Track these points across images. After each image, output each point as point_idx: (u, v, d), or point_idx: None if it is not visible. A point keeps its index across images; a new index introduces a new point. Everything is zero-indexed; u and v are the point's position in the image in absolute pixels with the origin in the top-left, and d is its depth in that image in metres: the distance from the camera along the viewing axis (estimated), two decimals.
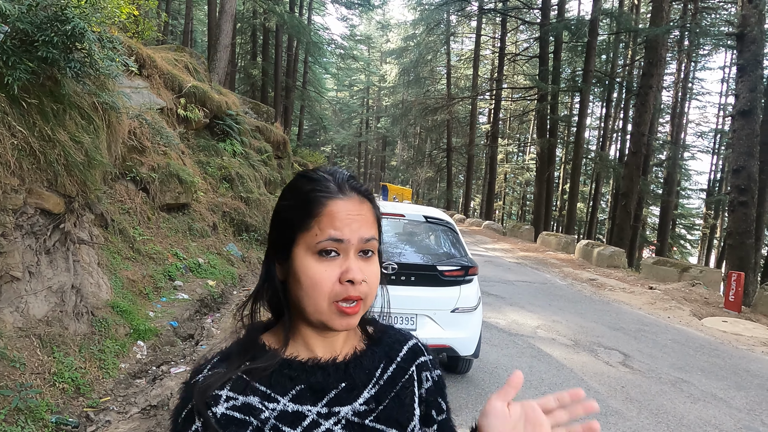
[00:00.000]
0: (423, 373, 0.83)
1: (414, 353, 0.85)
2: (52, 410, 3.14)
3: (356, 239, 0.70)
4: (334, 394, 0.73)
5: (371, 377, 0.78)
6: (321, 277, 0.69)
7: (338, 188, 0.72)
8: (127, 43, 7.15)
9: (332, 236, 0.69)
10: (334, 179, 0.74)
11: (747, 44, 11.68)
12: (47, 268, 3.75)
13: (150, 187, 6.80)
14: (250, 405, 0.69)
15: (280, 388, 0.71)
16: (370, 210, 0.74)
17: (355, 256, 0.71)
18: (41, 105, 3.43)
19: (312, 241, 0.70)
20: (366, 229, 0.72)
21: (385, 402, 0.76)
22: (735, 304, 8.43)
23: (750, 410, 4.18)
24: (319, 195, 0.71)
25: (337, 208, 0.70)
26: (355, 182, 0.75)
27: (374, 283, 0.73)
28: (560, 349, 5.50)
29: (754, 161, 11.58)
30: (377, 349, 0.81)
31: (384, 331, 0.85)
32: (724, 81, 31.86)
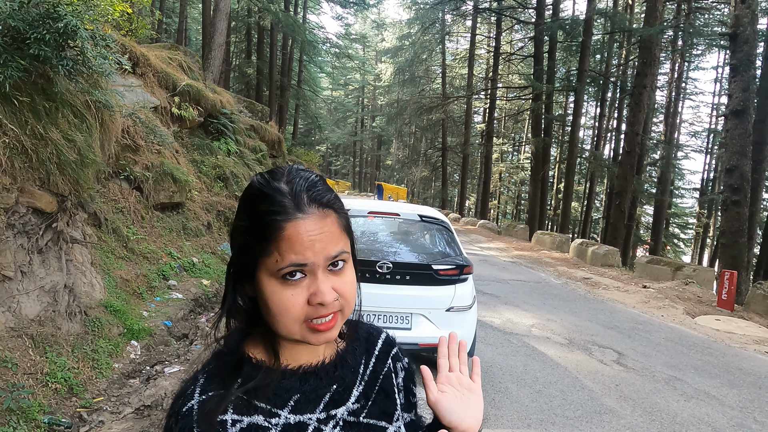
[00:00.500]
0: (397, 364, 0.86)
1: (388, 345, 0.87)
2: (45, 411, 3.12)
3: (321, 259, 0.65)
4: (329, 398, 0.74)
5: (356, 374, 0.79)
6: (288, 303, 0.65)
7: (295, 205, 0.65)
8: (121, 41, 7.10)
9: (293, 261, 0.64)
10: (290, 193, 0.66)
11: (740, 44, 11.75)
12: (40, 267, 3.72)
13: (144, 186, 6.77)
14: (256, 425, 0.67)
15: (279, 400, 0.70)
16: (334, 222, 0.68)
17: (324, 273, 0.66)
18: (33, 103, 3.40)
19: (273, 267, 0.65)
20: (332, 245, 0.66)
21: (372, 397, 0.78)
22: (728, 302, 8.49)
23: (742, 408, 4.21)
24: (274, 218, 0.65)
25: (296, 230, 0.64)
26: (315, 192, 0.67)
27: (349, 293, 0.69)
28: (554, 347, 5.51)
29: (746, 161, 11.66)
30: (356, 345, 0.83)
31: (356, 326, 0.85)
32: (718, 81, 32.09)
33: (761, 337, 6.85)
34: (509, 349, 5.33)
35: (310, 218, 0.65)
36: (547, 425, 3.60)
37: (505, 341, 5.59)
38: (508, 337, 5.75)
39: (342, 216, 0.70)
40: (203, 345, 4.86)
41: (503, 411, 3.78)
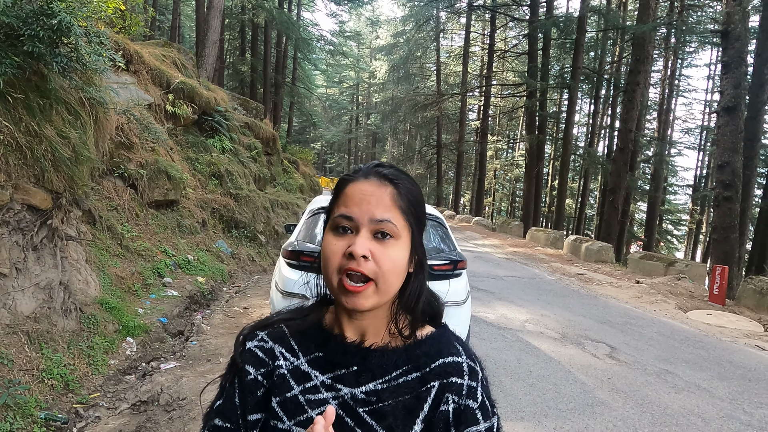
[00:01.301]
0: (447, 395, 0.76)
1: (446, 370, 0.78)
2: (41, 406, 3.13)
3: (366, 218, 0.73)
4: (342, 372, 0.78)
5: (385, 373, 0.77)
6: (331, 250, 0.74)
7: (363, 173, 0.78)
8: (114, 38, 7.08)
9: (342, 213, 0.75)
10: (365, 166, 0.80)
11: (731, 41, 11.84)
12: (34, 264, 3.72)
13: (138, 184, 6.76)
14: (273, 352, 0.82)
15: (305, 348, 0.81)
16: (389, 194, 0.75)
17: (368, 235, 0.73)
18: (27, 100, 3.41)
19: (332, 217, 0.77)
20: (379, 210, 0.74)
21: (386, 401, 0.75)
22: (719, 297, 8.58)
23: (732, 399, 4.27)
24: (345, 178, 0.79)
25: (353, 189, 0.76)
26: (381, 168, 0.78)
27: (386, 266, 0.72)
28: (548, 342, 5.57)
29: (738, 157, 11.76)
30: (411, 352, 0.79)
31: (436, 339, 0.81)
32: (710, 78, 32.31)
33: (752, 331, 6.94)
34: (503, 343, 5.37)
35: (368, 182, 0.76)
36: (540, 418, 3.65)
37: (499, 336, 5.64)
38: (502, 332, 5.79)
39: (402, 195, 0.77)
40: (198, 342, 4.88)
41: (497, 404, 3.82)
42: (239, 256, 8.59)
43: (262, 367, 0.80)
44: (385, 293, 0.73)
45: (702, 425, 3.71)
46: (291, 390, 0.77)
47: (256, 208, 10.13)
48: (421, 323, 0.83)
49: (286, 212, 12.27)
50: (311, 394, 0.77)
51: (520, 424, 3.53)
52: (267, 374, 0.80)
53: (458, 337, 0.86)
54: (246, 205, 9.75)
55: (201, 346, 4.76)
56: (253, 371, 0.80)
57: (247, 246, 9.13)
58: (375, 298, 0.73)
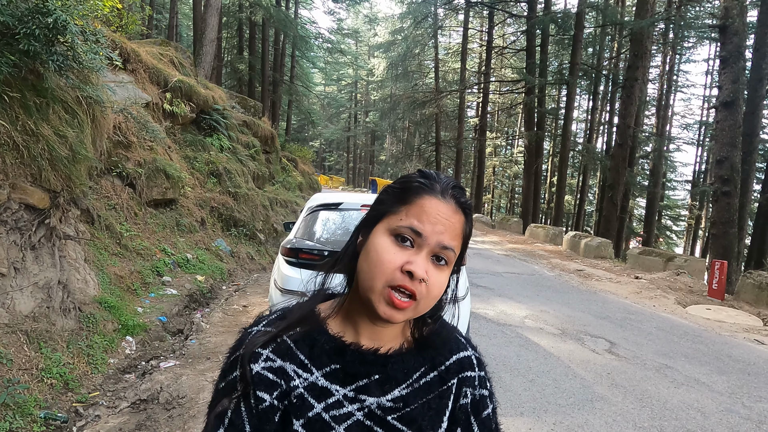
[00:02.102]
0: (464, 388, 0.81)
1: (461, 365, 0.82)
2: (41, 405, 3.13)
3: (435, 241, 0.71)
4: (365, 383, 0.75)
5: (407, 378, 0.77)
6: (387, 257, 0.70)
7: (441, 190, 0.74)
8: (111, 36, 7.06)
9: (413, 226, 0.71)
10: (441, 182, 0.75)
11: (729, 36, 11.83)
12: (33, 263, 3.72)
13: (136, 183, 6.76)
14: (284, 370, 0.74)
15: (318, 361, 0.75)
16: (461, 222, 0.74)
17: (428, 257, 0.71)
18: (24, 99, 3.40)
19: (394, 222, 0.72)
20: (449, 236, 0.72)
21: (413, 405, 0.76)
22: (718, 292, 8.59)
23: (731, 393, 4.28)
24: (420, 186, 0.74)
25: (430, 204, 0.72)
26: (459, 192, 0.75)
27: (434, 291, 0.71)
28: (547, 338, 5.57)
29: (737, 152, 11.76)
30: (424, 352, 0.80)
31: (441, 336, 0.83)
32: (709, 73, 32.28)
33: (751, 326, 6.94)
34: (503, 339, 5.38)
35: (446, 204, 0.73)
36: (540, 413, 3.65)
37: (498, 332, 5.64)
38: (501, 329, 5.80)
39: (468, 224, 0.76)
40: (198, 340, 4.88)
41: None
42: (238, 254, 8.59)
43: (275, 390, 0.72)
44: (422, 312, 0.73)
45: (701, 419, 3.72)
46: (313, 409, 0.72)
47: (255, 206, 10.13)
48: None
49: (285, 210, 12.27)
50: (335, 410, 0.73)
51: (520, 420, 3.53)
52: (281, 396, 0.72)
53: (456, 327, 0.88)
54: (245, 204, 9.75)
55: (200, 344, 4.76)
56: (267, 397, 0.72)
57: (246, 244, 9.13)
58: (411, 314, 0.72)
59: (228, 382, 0.74)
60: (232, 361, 0.75)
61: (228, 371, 0.75)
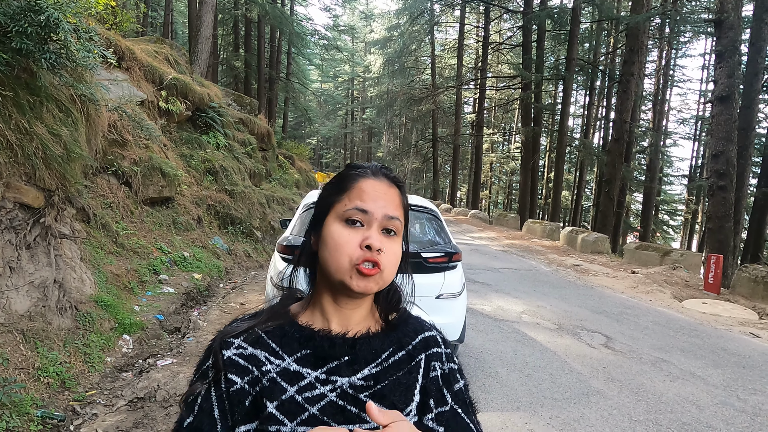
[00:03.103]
0: (433, 363, 0.85)
1: (427, 343, 0.86)
2: (38, 404, 3.13)
3: (380, 214, 0.78)
4: (335, 365, 0.79)
5: (376, 357, 0.81)
6: (345, 240, 0.77)
7: (372, 172, 0.83)
8: (105, 34, 7.03)
9: (358, 206, 0.78)
10: (371, 165, 0.85)
11: (725, 30, 11.83)
12: (28, 263, 3.71)
13: (132, 181, 6.74)
14: (255, 357, 0.79)
15: (289, 348, 0.80)
16: (397, 195, 0.83)
17: (378, 231, 0.78)
18: (17, 97, 3.38)
19: (341, 209, 0.79)
20: (391, 208, 0.80)
21: (383, 382, 0.79)
22: (714, 286, 8.63)
23: (726, 386, 4.31)
24: (354, 173, 0.83)
25: (367, 184, 0.80)
26: (388, 170, 0.85)
27: (392, 260, 0.79)
28: (544, 332, 5.59)
29: (732, 146, 11.78)
30: (391, 335, 0.85)
31: (405, 321, 0.89)
32: (705, 68, 32.29)
33: (746, 319, 6.98)
34: (499, 335, 5.40)
35: (379, 181, 0.82)
36: (536, 407, 3.67)
37: (495, 328, 5.66)
38: (498, 324, 5.82)
39: (404, 195, 0.85)
40: (195, 338, 4.88)
41: (493, 395, 3.85)
42: (235, 252, 8.58)
43: (246, 375, 0.77)
44: (386, 283, 0.80)
45: (696, 412, 3.74)
46: (285, 392, 0.76)
47: (252, 204, 10.12)
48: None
49: (282, 208, 12.26)
50: (308, 392, 0.76)
51: (516, 414, 3.55)
52: (252, 381, 0.76)
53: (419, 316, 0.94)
54: (241, 201, 9.73)
55: (197, 342, 4.76)
56: (238, 380, 0.76)
57: (243, 242, 9.12)
58: (380, 281, 0.78)
59: (201, 371, 0.80)
60: (206, 353, 0.82)
61: (201, 363, 0.81)
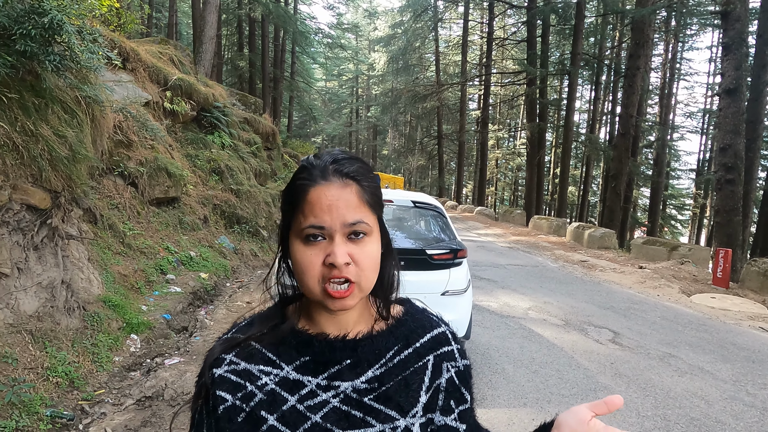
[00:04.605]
0: (444, 363, 0.81)
1: (437, 342, 0.82)
2: (47, 404, 3.16)
3: (338, 224, 0.70)
4: (336, 369, 0.75)
5: (380, 358, 0.78)
6: (308, 261, 0.71)
7: (320, 174, 0.72)
8: (110, 36, 7.07)
9: (312, 224, 0.70)
10: (318, 165, 0.73)
11: (731, 22, 11.71)
12: (36, 263, 3.74)
13: (138, 182, 6.77)
14: (249, 372, 0.76)
15: (287, 357, 0.77)
16: (354, 192, 0.72)
17: (343, 239, 0.71)
18: (22, 99, 3.41)
19: (298, 228, 0.72)
20: (350, 213, 0.71)
21: (388, 384, 0.76)
22: (723, 280, 8.56)
23: (735, 381, 4.27)
24: (301, 183, 0.73)
25: (317, 195, 0.71)
26: (339, 165, 0.73)
27: (367, 264, 0.72)
28: (551, 329, 5.57)
29: (740, 139, 11.67)
30: (396, 332, 0.81)
31: (412, 315, 0.84)
32: (712, 60, 31.98)
33: (755, 313, 6.92)
34: (506, 331, 5.38)
35: (331, 186, 0.71)
36: (543, 403, 3.66)
37: (502, 324, 5.65)
38: (505, 320, 5.80)
39: (366, 189, 0.74)
40: (202, 337, 4.91)
41: (500, 391, 3.84)
42: (242, 251, 8.61)
43: (239, 391, 0.74)
44: (368, 289, 0.74)
45: (705, 407, 3.72)
46: (286, 402, 0.73)
47: (258, 203, 10.14)
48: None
49: None
50: (310, 400, 0.74)
51: (523, 410, 3.54)
52: (246, 397, 0.74)
53: (425, 308, 0.89)
54: (247, 201, 9.76)
55: (205, 341, 4.79)
56: (229, 397, 0.74)
57: (249, 241, 9.15)
58: (359, 295, 0.73)
59: (197, 387, 0.78)
60: (201, 370, 0.79)
61: (198, 379, 0.79)
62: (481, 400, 3.68)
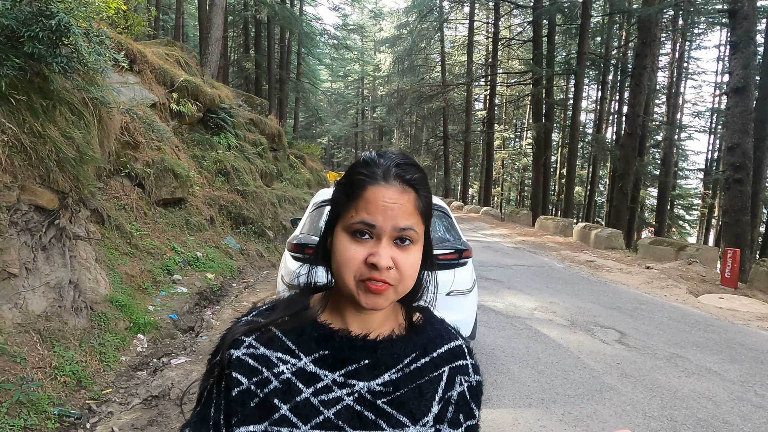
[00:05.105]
0: (458, 377, 0.82)
1: (453, 354, 0.83)
2: (55, 403, 3.19)
3: (389, 227, 0.71)
4: (354, 368, 0.76)
5: (398, 362, 0.78)
6: (350, 255, 0.71)
7: (382, 175, 0.73)
8: (117, 38, 7.12)
9: (364, 220, 0.71)
10: (382, 165, 0.74)
11: (739, 21, 11.62)
12: (44, 264, 3.78)
13: (145, 183, 6.82)
14: (267, 357, 0.76)
15: (306, 348, 0.77)
16: (411, 200, 0.73)
17: (389, 242, 0.72)
18: (30, 101, 3.44)
19: (348, 221, 0.73)
20: (403, 218, 0.72)
21: (403, 389, 0.77)
22: (731, 280, 8.49)
23: (743, 382, 4.24)
24: (361, 179, 0.73)
25: (375, 194, 0.72)
26: (401, 170, 0.74)
27: (408, 272, 0.73)
28: (557, 329, 5.55)
29: (748, 138, 11.57)
30: (416, 339, 0.81)
31: (431, 323, 0.85)
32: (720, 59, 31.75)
33: (764, 314, 6.86)
34: (511, 332, 5.37)
35: (391, 188, 0.72)
36: (548, 403, 3.65)
37: (507, 324, 5.63)
38: (510, 321, 5.79)
39: (422, 199, 0.75)
40: (208, 337, 4.93)
41: (505, 391, 3.83)
42: (248, 251, 8.65)
43: (255, 376, 0.74)
44: (402, 294, 0.75)
45: (712, 408, 3.69)
46: (301, 393, 0.74)
47: (264, 203, 10.18)
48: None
49: (293, 207, 12.32)
50: (324, 394, 0.74)
51: (529, 411, 3.53)
52: (261, 382, 0.74)
53: (443, 320, 0.89)
54: (253, 201, 9.80)
55: (211, 341, 4.81)
56: (245, 380, 0.74)
57: (255, 241, 9.18)
58: (393, 297, 0.74)
59: (211, 364, 0.78)
60: (216, 348, 0.79)
61: (213, 355, 0.79)
62: (486, 401, 3.68)
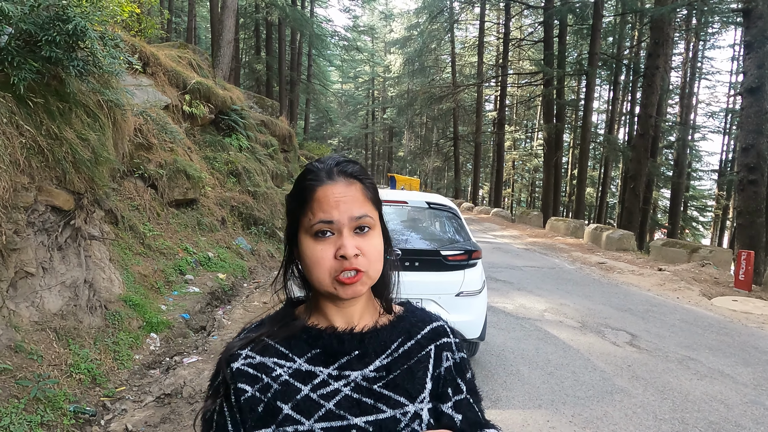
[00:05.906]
0: (443, 353, 0.87)
1: (436, 333, 0.88)
2: (70, 400, 3.25)
3: (346, 218, 0.77)
4: (346, 360, 0.81)
5: (386, 348, 0.83)
6: (319, 255, 0.77)
7: (326, 175, 0.79)
8: (131, 41, 7.22)
9: (322, 219, 0.76)
10: (324, 168, 0.80)
11: (753, 20, 11.48)
12: (60, 263, 3.85)
13: (158, 184, 6.90)
14: (264, 365, 0.80)
15: (298, 350, 0.82)
16: (359, 190, 0.80)
17: (350, 233, 0.77)
18: (47, 104, 3.51)
19: (308, 224, 0.78)
20: (356, 207, 0.78)
21: (396, 372, 0.81)
22: (745, 282, 8.39)
23: (757, 385, 4.20)
24: (310, 183, 0.79)
25: (325, 192, 0.77)
26: (343, 167, 0.81)
27: (374, 255, 0.79)
28: (567, 331, 5.53)
29: (763, 139, 11.42)
30: (398, 326, 0.87)
31: (411, 312, 0.91)
32: (735, 59, 31.33)
33: None
34: (521, 333, 5.36)
35: (337, 184, 0.78)
36: (558, 405, 3.64)
37: (517, 326, 5.62)
38: (520, 322, 5.78)
39: (368, 187, 0.82)
40: (220, 336, 4.99)
41: (514, 392, 3.83)
42: (259, 252, 8.71)
43: (257, 383, 0.78)
44: (374, 279, 0.80)
45: (724, 411, 3.66)
46: (300, 391, 0.78)
47: (274, 204, 10.25)
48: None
49: None
50: (322, 389, 0.78)
51: (538, 412, 3.53)
52: (263, 388, 0.78)
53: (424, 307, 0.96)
54: (264, 202, 9.87)
55: (222, 340, 4.86)
56: (249, 389, 0.78)
57: (266, 242, 9.25)
58: (368, 283, 0.79)
59: (214, 387, 0.82)
60: (216, 369, 0.83)
61: (213, 378, 0.83)
62: (495, 401, 3.68)
